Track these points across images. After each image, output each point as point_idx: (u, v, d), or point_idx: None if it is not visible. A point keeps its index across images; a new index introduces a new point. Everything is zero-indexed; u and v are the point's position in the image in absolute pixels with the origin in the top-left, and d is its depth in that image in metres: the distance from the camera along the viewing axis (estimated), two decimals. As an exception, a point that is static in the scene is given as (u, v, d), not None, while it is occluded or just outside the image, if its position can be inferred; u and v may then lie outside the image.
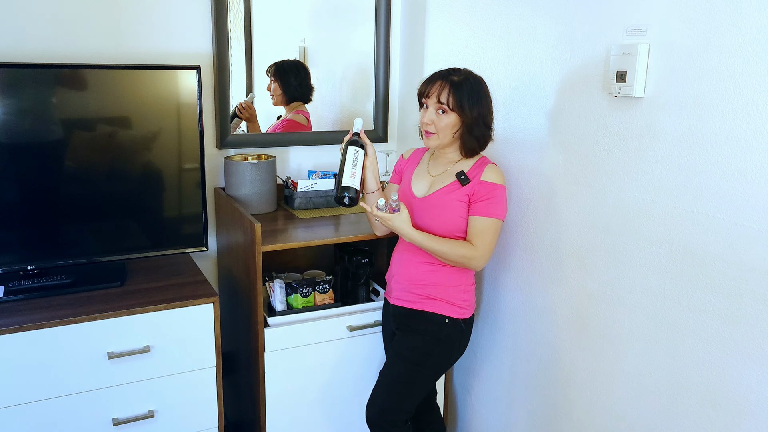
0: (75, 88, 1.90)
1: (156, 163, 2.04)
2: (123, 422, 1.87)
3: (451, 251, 1.83)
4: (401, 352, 1.97)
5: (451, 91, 1.79)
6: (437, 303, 1.92)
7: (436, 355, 1.95)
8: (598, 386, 1.80)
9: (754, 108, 1.33)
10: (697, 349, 1.50)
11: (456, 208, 1.86)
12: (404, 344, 1.98)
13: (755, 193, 1.35)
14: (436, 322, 1.93)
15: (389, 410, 1.97)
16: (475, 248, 1.83)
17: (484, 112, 1.83)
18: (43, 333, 1.73)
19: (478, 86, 1.82)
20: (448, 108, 1.80)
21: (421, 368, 1.95)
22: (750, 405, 1.40)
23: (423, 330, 1.95)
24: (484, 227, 1.83)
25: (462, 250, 1.83)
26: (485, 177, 1.84)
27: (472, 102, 1.80)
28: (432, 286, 1.93)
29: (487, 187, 1.83)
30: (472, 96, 1.80)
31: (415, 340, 1.95)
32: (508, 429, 2.20)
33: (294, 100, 2.55)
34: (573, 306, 1.86)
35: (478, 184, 1.84)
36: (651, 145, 1.57)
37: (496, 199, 1.83)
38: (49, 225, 1.93)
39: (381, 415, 1.98)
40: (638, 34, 1.56)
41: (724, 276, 1.42)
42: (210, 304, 1.92)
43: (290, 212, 2.38)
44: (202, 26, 2.30)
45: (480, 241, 1.83)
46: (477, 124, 1.83)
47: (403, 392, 1.96)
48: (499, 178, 1.85)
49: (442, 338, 1.94)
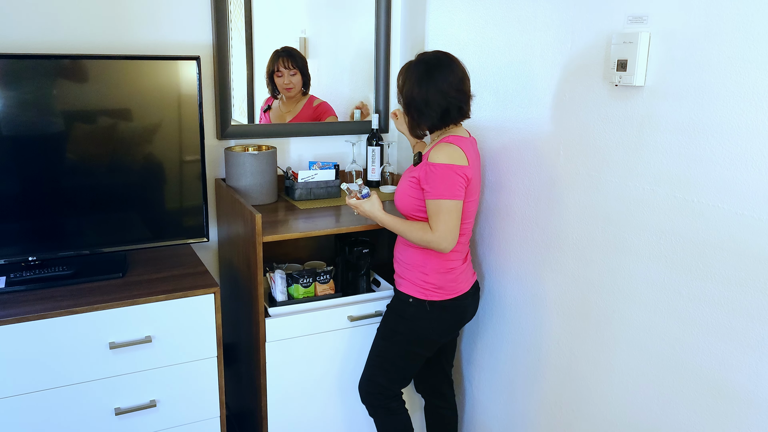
0: (74, 79, 1.90)
1: (156, 154, 2.04)
2: (125, 412, 1.88)
3: (410, 233, 1.88)
4: (379, 327, 2.11)
5: (399, 73, 1.91)
6: (404, 282, 2.00)
7: (401, 332, 2.02)
8: (598, 376, 1.80)
9: (755, 97, 1.33)
10: (697, 338, 1.50)
11: (406, 188, 1.91)
12: (382, 319, 2.10)
13: (756, 183, 1.34)
14: (402, 300, 2.00)
15: (366, 382, 2.10)
16: (431, 231, 1.84)
17: (414, 94, 1.85)
18: (45, 324, 1.74)
19: (421, 67, 1.84)
20: (398, 89, 1.92)
21: (388, 344, 2.05)
22: (749, 394, 1.40)
23: (392, 306, 2.07)
24: (434, 209, 1.83)
25: (419, 232, 1.86)
26: (430, 158, 1.84)
27: (407, 83, 1.85)
28: (401, 265, 2.01)
29: (429, 167, 1.83)
30: (410, 77, 1.85)
31: (388, 315, 2.08)
32: (510, 418, 2.21)
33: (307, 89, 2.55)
34: (573, 296, 1.86)
35: (425, 165, 1.85)
36: (651, 134, 1.56)
37: (438, 179, 1.81)
38: (50, 216, 1.94)
39: (361, 388, 2.13)
40: (639, 22, 1.55)
41: (724, 265, 1.42)
42: (211, 295, 1.92)
43: (291, 203, 2.38)
44: (202, 16, 2.29)
45: (434, 223, 1.83)
46: (410, 107, 1.88)
47: (375, 365, 2.08)
48: (443, 157, 1.81)
49: (406, 317, 2.00)
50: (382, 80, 2.66)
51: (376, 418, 2.13)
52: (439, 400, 2.27)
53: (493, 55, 2.08)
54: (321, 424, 2.22)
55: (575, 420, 1.91)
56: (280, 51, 2.47)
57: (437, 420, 2.29)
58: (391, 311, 2.06)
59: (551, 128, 1.88)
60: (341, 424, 2.26)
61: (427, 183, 1.83)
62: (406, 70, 1.88)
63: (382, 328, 2.08)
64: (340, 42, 2.65)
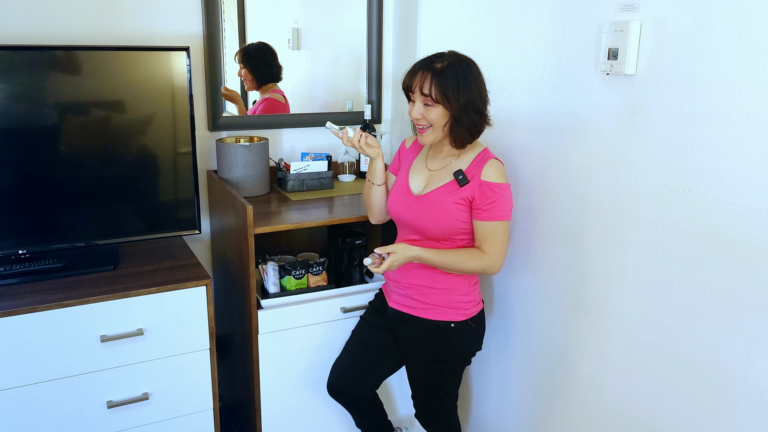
0: (63, 70, 1.88)
1: (147, 145, 2.03)
2: (117, 405, 1.88)
3: (464, 266, 1.75)
4: (418, 362, 1.95)
5: (434, 81, 1.66)
6: (439, 310, 1.85)
7: (452, 359, 1.91)
8: (590, 364, 1.81)
9: (745, 85, 1.32)
10: (688, 326, 1.50)
11: (453, 211, 1.75)
12: (416, 355, 1.94)
13: (746, 171, 1.34)
14: (442, 328, 1.85)
15: (430, 413, 2.03)
16: (487, 256, 1.74)
17: (473, 97, 1.69)
18: (36, 317, 1.73)
19: (464, 70, 1.68)
20: (432, 100, 1.68)
21: (442, 372, 1.93)
22: (739, 382, 1.41)
23: (432, 340, 1.89)
24: (491, 231, 1.73)
25: (474, 262, 1.74)
26: (486, 176, 1.72)
27: (458, 89, 1.66)
28: (432, 292, 1.85)
29: (489, 188, 1.71)
30: (457, 82, 1.66)
31: (425, 348, 1.91)
32: (502, 408, 2.22)
33: (265, 82, 2.53)
34: (565, 285, 1.86)
35: (479, 185, 1.72)
36: (643, 123, 1.55)
37: (500, 201, 1.71)
38: (40, 209, 1.92)
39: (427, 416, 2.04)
40: (630, 10, 1.55)
41: (715, 254, 1.42)
42: (203, 287, 1.92)
43: (283, 194, 2.37)
44: (194, 7, 2.27)
45: (490, 246, 1.73)
46: (466, 113, 1.70)
47: (442, 393, 1.98)
48: (500, 176, 1.73)
49: (453, 343, 1.87)
50: (375, 71, 2.65)
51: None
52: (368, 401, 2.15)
53: (485, 45, 2.07)
54: (314, 415, 2.23)
55: (568, 409, 1.91)
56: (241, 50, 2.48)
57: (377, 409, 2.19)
58: (429, 345, 1.89)
59: (543, 118, 1.87)
60: (334, 415, 2.27)
61: (486, 204, 1.71)
62: (449, 75, 1.66)
63: (426, 363, 1.92)
64: (332, 32, 2.64)
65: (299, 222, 2.03)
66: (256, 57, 2.50)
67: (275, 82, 2.54)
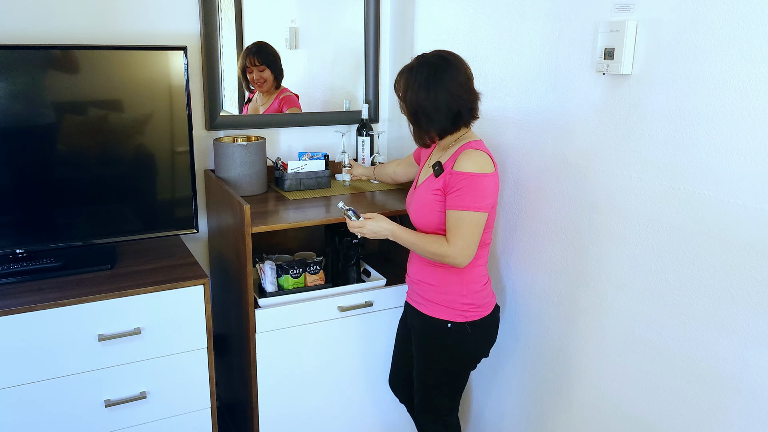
0: (60, 69, 1.88)
1: (145, 145, 2.03)
2: (115, 404, 1.88)
3: (425, 246, 1.75)
4: (419, 357, 1.96)
5: (399, 80, 1.76)
6: (437, 307, 1.85)
7: (447, 359, 1.90)
8: (587, 363, 1.81)
9: (740, 85, 1.33)
10: (683, 325, 1.51)
11: (431, 202, 1.77)
12: (419, 349, 1.96)
13: (741, 170, 1.35)
14: (439, 327, 1.85)
15: (429, 409, 2.01)
16: (448, 245, 1.70)
17: (421, 99, 1.70)
18: (33, 316, 1.73)
19: (424, 70, 1.70)
20: (399, 97, 1.78)
21: (438, 372, 1.93)
22: (734, 380, 1.41)
23: (429, 335, 1.90)
24: (454, 221, 1.70)
25: (434, 246, 1.73)
26: (456, 166, 1.70)
27: (411, 88, 1.71)
28: (430, 288, 1.86)
29: (457, 177, 1.69)
30: (413, 81, 1.70)
31: (422, 345, 1.93)
32: (499, 407, 2.23)
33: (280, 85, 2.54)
34: (562, 284, 1.87)
35: (450, 174, 1.72)
36: (638, 122, 1.56)
37: (465, 189, 1.68)
38: (38, 208, 1.93)
39: (425, 414, 2.03)
40: (626, 11, 1.55)
41: (710, 253, 1.43)
42: (200, 286, 1.92)
43: (280, 194, 2.37)
44: (191, 6, 2.27)
45: (452, 236, 1.70)
46: (417, 114, 1.73)
47: (437, 393, 1.97)
48: (472, 166, 1.68)
49: (449, 344, 1.87)
50: (372, 70, 2.65)
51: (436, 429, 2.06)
52: None
53: (483, 44, 2.08)
54: (311, 414, 2.23)
55: (564, 407, 1.92)
56: (251, 47, 2.46)
57: None
58: (426, 341, 1.91)
59: (540, 117, 1.88)
60: (332, 413, 2.27)
61: (452, 192, 1.70)
62: (408, 75, 1.73)
63: (423, 358, 1.93)
64: (329, 32, 2.64)
65: (296, 221, 2.04)
66: (276, 59, 2.50)
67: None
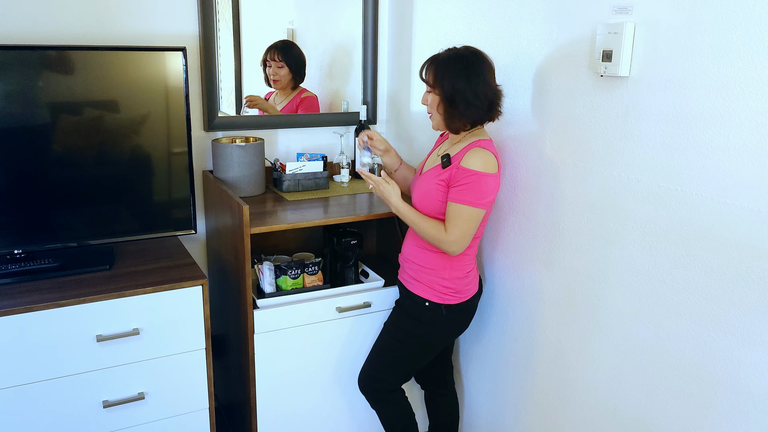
0: (59, 71, 1.88)
1: (143, 146, 2.03)
2: (113, 404, 1.88)
3: (425, 229, 1.86)
4: (388, 326, 2.10)
5: (431, 68, 1.81)
6: (420, 285, 1.97)
7: (417, 335, 2.01)
8: (584, 364, 1.82)
9: (737, 86, 1.34)
10: (681, 325, 1.52)
11: (433, 190, 1.86)
12: (392, 319, 2.08)
13: (738, 171, 1.36)
14: (418, 303, 1.98)
15: (370, 378, 2.11)
16: (446, 233, 1.82)
17: (461, 86, 1.75)
18: (31, 316, 1.73)
19: (463, 60, 1.77)
20: (429, 85, 1.82)
21: (401, 345, 2.04)
22: (731, 380, 1.42)
23: (405, 308, 2.03)
24: (455, 213, 1.81)
25: (434, 230, 1.84)
26: (464, 162, 1.79)
27: (450, 75, 1.76)
28: (418, 268, 1.98)
29: (463, 173, 1.78)
30: (451, 69, 1.76)
31: (400, 317, 2.05)
32: (497, 407, 2.23)
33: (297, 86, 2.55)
34: (559, 284, 1.87)
35: (456, 169, 1.81)
36: (636, 124, 1.57)
37: (469, 186, 1.78)
38: (36, 209, 1.92)
39: (363, 381, 2.13)
40: (624, 13, 1.56)
41: (708, 253, 1.44)
42: (199, 287, 1.92)
43: (279, 194, 2.37)
44: (189, 7, 2.28)
45: (451, 226, 1.81)
46: (454, 100, 1.78)
47: (384, 364, 2.08)
48: (479, 164, 1.78)
49: (423, 321, 1.98)
50: (370, 71, 2.65)
51: (378, 409, 2.15)
52: (442, 388, 2.29)
53: (480, 46, 2.06)
54: (310, 414, 2.23)
55: (562, 407, 1.92)
56: (277, 43, 2.49)
57: (440, 407, 2.29)
58: (404, 313, 2.03)
59: (538, 119, 1.89)
60: (330, 414, 2.27)
61: (456, 186, 1.80)
62: (445, 63, 1.78)
63: (393, 329, 2.06)
64: (327, 33, 2.64)
65: (295, 222, 2.04)
66: (300, 55, 2.51)
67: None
